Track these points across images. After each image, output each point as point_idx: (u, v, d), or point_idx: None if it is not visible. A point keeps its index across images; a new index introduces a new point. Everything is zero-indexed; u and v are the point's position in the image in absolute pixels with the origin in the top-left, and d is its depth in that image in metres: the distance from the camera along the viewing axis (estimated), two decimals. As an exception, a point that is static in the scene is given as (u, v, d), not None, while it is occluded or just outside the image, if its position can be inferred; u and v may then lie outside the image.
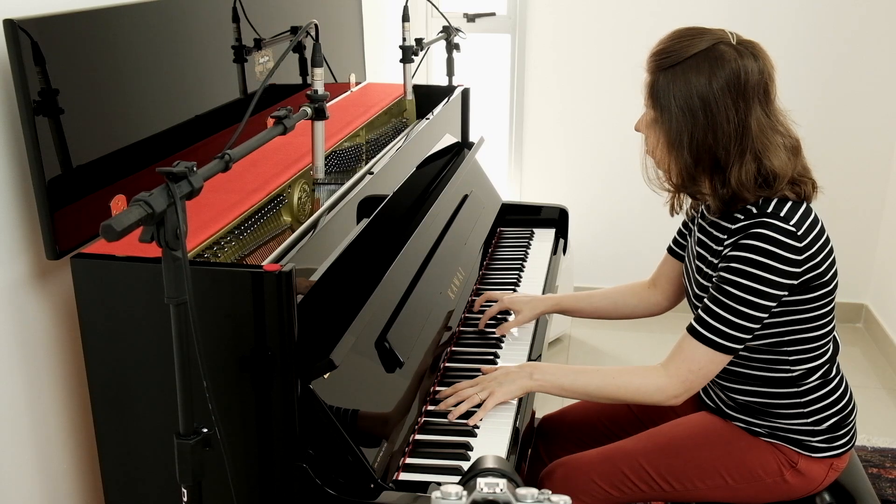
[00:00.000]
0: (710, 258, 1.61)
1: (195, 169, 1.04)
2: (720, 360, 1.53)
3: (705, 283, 1.61)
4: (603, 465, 1.68)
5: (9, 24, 1.22)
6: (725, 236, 1.56)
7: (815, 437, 1.61)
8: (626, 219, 3.77)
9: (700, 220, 1.68)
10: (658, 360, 1.60)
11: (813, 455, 1.61)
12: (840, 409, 1.63)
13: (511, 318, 1.97)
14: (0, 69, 1.30)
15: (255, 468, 1.35)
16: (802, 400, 1.60)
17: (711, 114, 1.48)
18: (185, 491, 1.12)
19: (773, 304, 1.50)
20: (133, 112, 1.49)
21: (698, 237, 1.67)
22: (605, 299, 1.96)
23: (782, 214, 1.49)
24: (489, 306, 2.00)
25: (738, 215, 1.54)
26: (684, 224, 1.83)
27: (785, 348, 1.58)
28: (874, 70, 3.42)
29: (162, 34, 1.55)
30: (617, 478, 1.66)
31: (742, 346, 1.53)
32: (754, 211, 1.52)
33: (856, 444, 1.70)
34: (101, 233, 0.93)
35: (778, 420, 1.62)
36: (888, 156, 3.50)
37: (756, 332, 1.54)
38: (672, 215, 1.72)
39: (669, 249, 1.87)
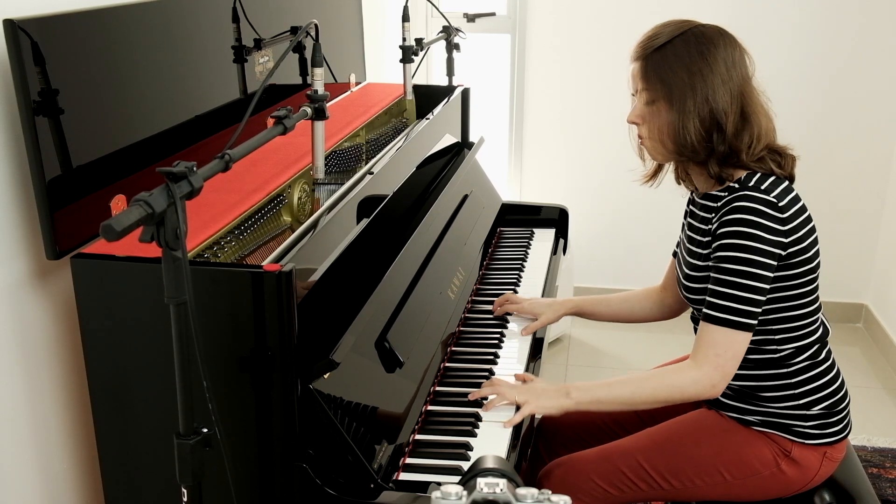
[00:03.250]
0: (699, 238, 1.65)
1: (195, 169, 1.04)
2: (742, 339, 1.55)
3: (698, 262, 1.64)
4: (601, 464, 1.68)
5: (9, 24, 1.22)
6: (712, 215, 1.60)
7: (806, 423, 1.63)
8: (626, 219, 3.77)
9: (690, 207, 1.73)
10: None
11: (806, 442, 1.63)
12: (831, 394, 1.64)
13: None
14: (0, 69, 1.30)
15: (255, 468, 1.35)
16: (792, 381, 1.62)
17: (709, 78, 1.55)
18: (185, 491, 1.13)
19: (771, 275, 1.54)
20: (133, 112, 1.49)
21: (689, 222, 1.72)
22: (623, 303, 1.98)
23: (763, 188, 1.55)
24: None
25: (722, 193, 1.59)
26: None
27: (771, 326, 1.61)
28: (875, 71, 3.42)
29: (162, 34, 1.55)
30: (616, 476, 1.67)
31: (756, 321, 1.55)
32: (736, 186, 1.57)
33: (856, 444, 1.70)
34: (101, 233, 0.93)
35: (769, 404, 1.63)
36: (888, 156, 3.50)
37: (764, 306, 1.56)
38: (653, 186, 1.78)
39: (674, 254, 1.89)
